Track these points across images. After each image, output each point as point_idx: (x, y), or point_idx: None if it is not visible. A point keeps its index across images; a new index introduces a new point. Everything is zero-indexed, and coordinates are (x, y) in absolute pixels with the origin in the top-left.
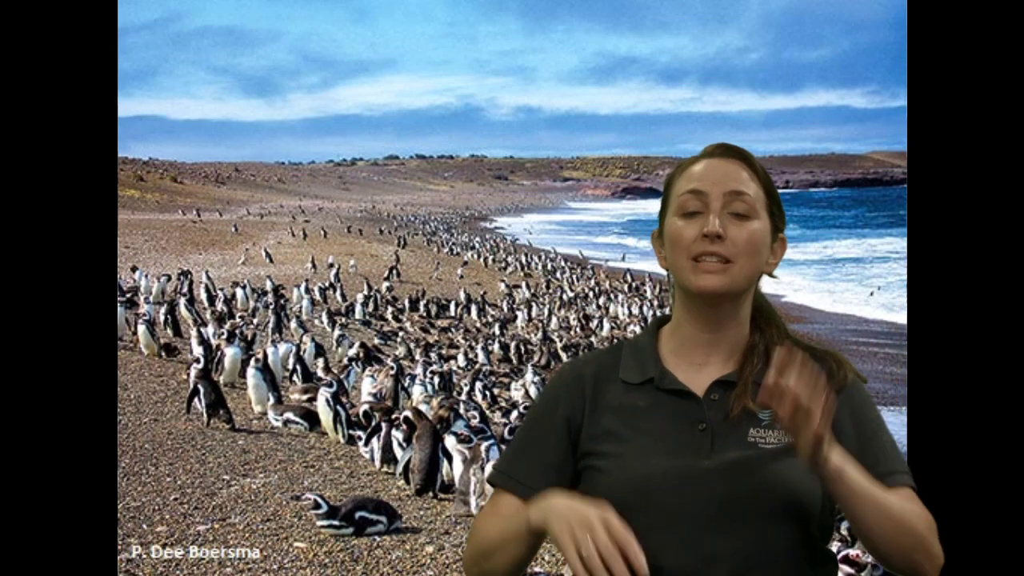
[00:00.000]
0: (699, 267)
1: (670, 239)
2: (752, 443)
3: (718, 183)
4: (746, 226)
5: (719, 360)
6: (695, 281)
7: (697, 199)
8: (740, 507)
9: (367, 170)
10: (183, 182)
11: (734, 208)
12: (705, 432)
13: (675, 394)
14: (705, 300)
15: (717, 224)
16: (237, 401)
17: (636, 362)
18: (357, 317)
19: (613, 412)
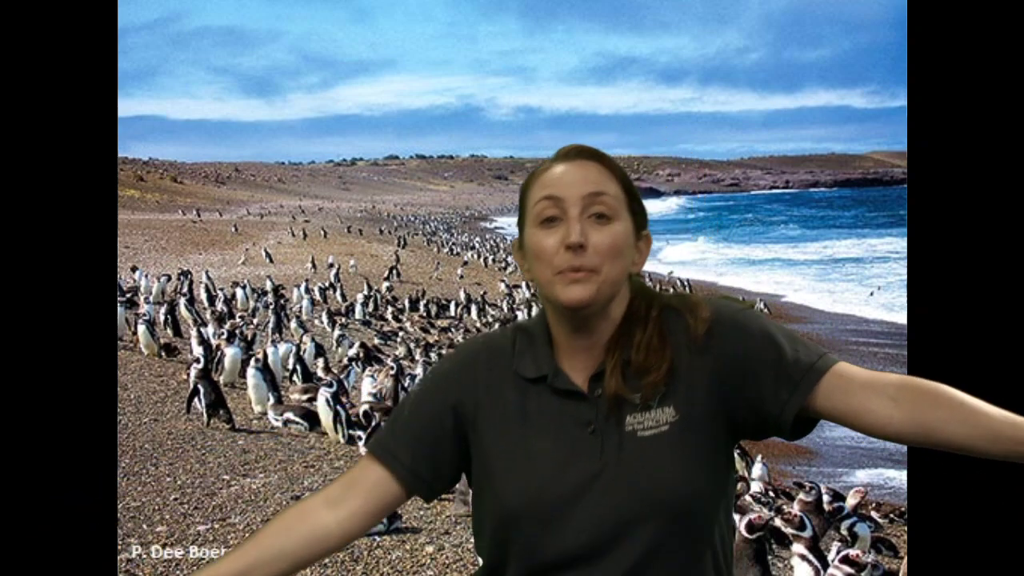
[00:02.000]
0: (565, 278)
1: (533, 251)
2: (630, 432)
3: (574, 186)
4: (608, 229)
5: (597, 358)
6: (562, 295)
7: (554, 205)
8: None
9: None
10: (183, 182)
11: (594, 210)
12: (595, 434)
13: (566, 394)
14: (573, 311)
15: (579, 233)
16: (237, 401)
17: (531, 355)
18: (357, 317)
19: (506, 411)
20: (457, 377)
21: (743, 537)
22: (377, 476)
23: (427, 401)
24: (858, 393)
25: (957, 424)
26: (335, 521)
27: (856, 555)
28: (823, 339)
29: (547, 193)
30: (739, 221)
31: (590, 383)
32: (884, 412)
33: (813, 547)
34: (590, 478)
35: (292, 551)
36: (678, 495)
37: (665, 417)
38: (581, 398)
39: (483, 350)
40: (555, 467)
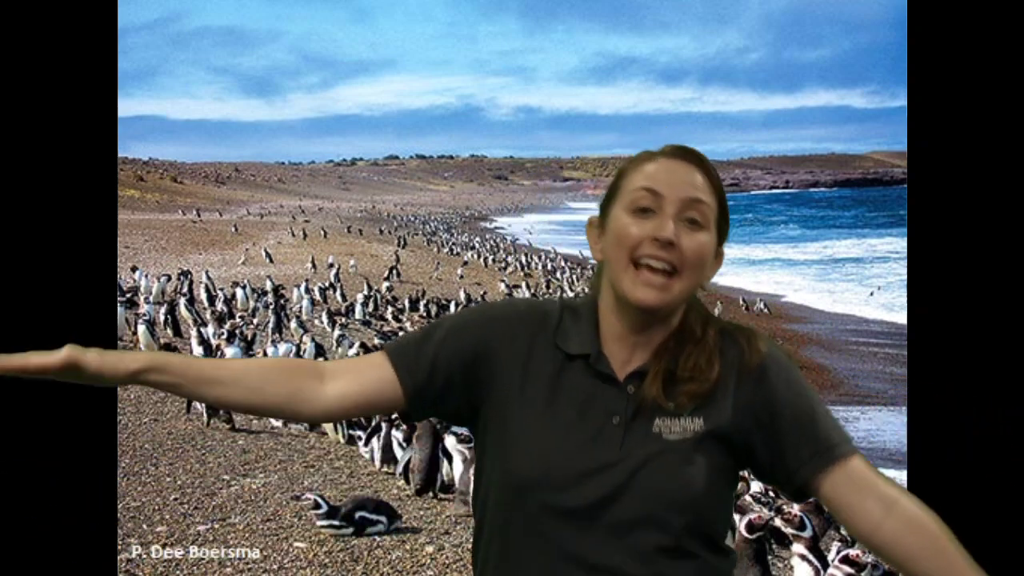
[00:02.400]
0: (639, 276)
1: (615, 234)
2: (656, 434)
3: (676, 187)
4: (697, 236)
5: (641, 357)
6: (633, 292)
7: (652, 198)
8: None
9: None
10: (183, 182)
11: (689, 214)
12: (618, 427)
13: (603, 378)
14: (638, 310)
15: (672, 231)
16: None
17: (575, 332)
18: (357, 317)
19: (538, 378)
20: (496, 327)
21: (743, 537)
22: (384, 377)
23: (459, 334)
24: (859, 491)
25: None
26: (323, 393)
27: (856, 555)
28: (823, 339)
29: (649, 185)
30: (739, 221)
31: (627, 378)
32: (875, 520)
33: (813, 547)
34: (603, 468)
35: (271, 394)
36: (689, 500)
37: (693, 427)
38: (615, 385)
39: (531, 314)
40: (572, 449)
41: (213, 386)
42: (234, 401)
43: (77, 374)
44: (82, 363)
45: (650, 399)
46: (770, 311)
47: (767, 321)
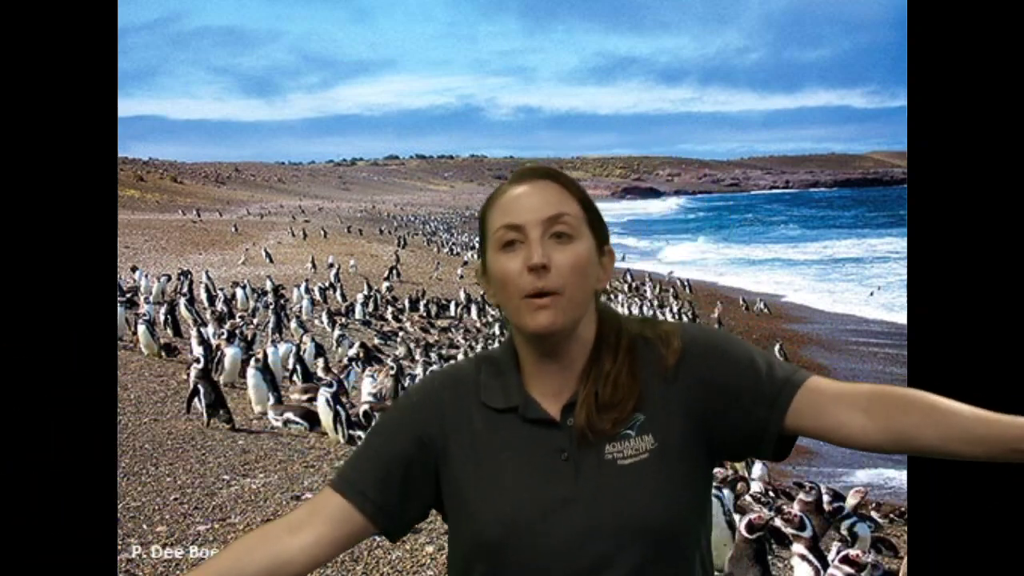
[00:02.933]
0: (532, 304)
1: (497, 277)
2: (610, 460)
3: (532, 211)
4: (570, 248)
5: (569, 383)
6: (529, 322)
7: (513, 231)
8: (605, 535)
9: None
10: (183, 182)
11: (554, 230)
12: (568, 461)
13: (538, 423)
14: (541, 336)
15: (540, 254)
16: (237, 401)
17: (499, 384)
18: (357, 317)
19: (476, 441)
20: (422, 410)
21: (743, 537)
22: (342, 509)
23: (393, 435)
24: (830, 407)
25: (929, 428)
26: (298, 547)
27: (856, 555)
28: (823, 339)
29: (507, 221)
30: (739, 221)
31: (563, 411)
32: (857, 424)
33: (813, 547)
34: (565, 504)
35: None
36: (660, 522)
37: (644, 445)
38: (553, 426)
39: (447, 382)
40: (530, 495)
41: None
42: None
43: None
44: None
45: (581, 427)
46: (770, 311)
47: (767, 321)
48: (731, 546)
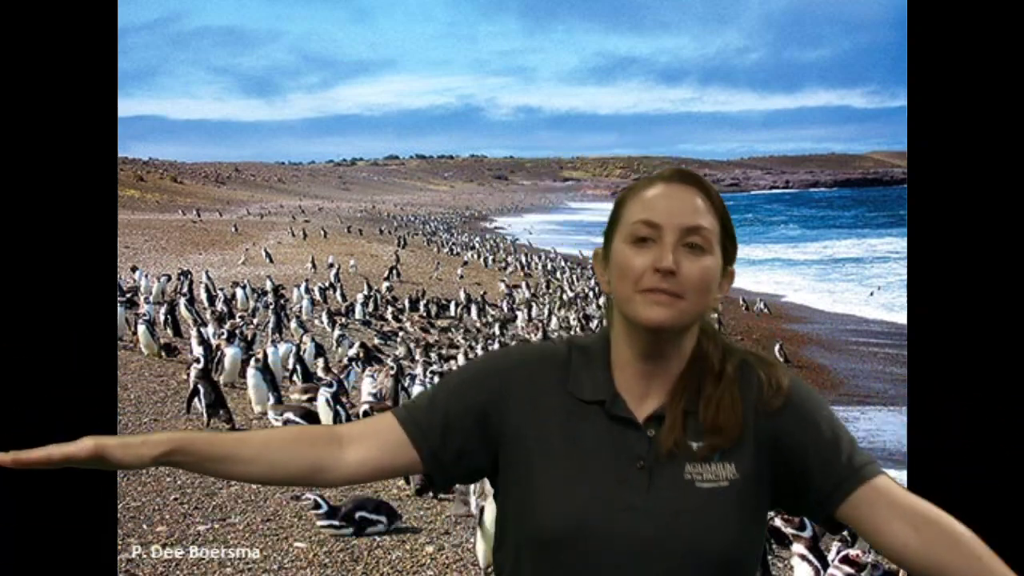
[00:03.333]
0: (647, 298)
1: (619, 267)
2: (689, 481)
3: (674, 215)
4: (699, 261)
5: (658, 392)
6: (643, 313)
7: (650, 228)
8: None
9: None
10: (183, 182)
11: (689, 240)
12: (643, 471)
13: (622, 422)
14: (649, 331)
15: (671, 260)
16: (237, 401)
17: (588, 376)
18: (357, 317)
19: (554, 427)
20: (507, 378)
21: None
22: (400, 442)
23: (461, 397)
24: (884, 511)
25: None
26: (344, 460)
27: (856, 555)
28: (823, 339)
29: (645, 217)
30: (739, 221)
31: (648, 420)
32: (900, 539)
33: (813, 547)
34: (633, 512)
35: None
36: (725, 551)
37: (726, 473)
38: (636, 429)
39: (538, 360)
40: (600, 496)
41: (236, 464)
42: (257, 476)
43: (101, 463)
44: (106, 453)
45: (669, 447)
46: (770, 311)
47: (767, 321)
48: None
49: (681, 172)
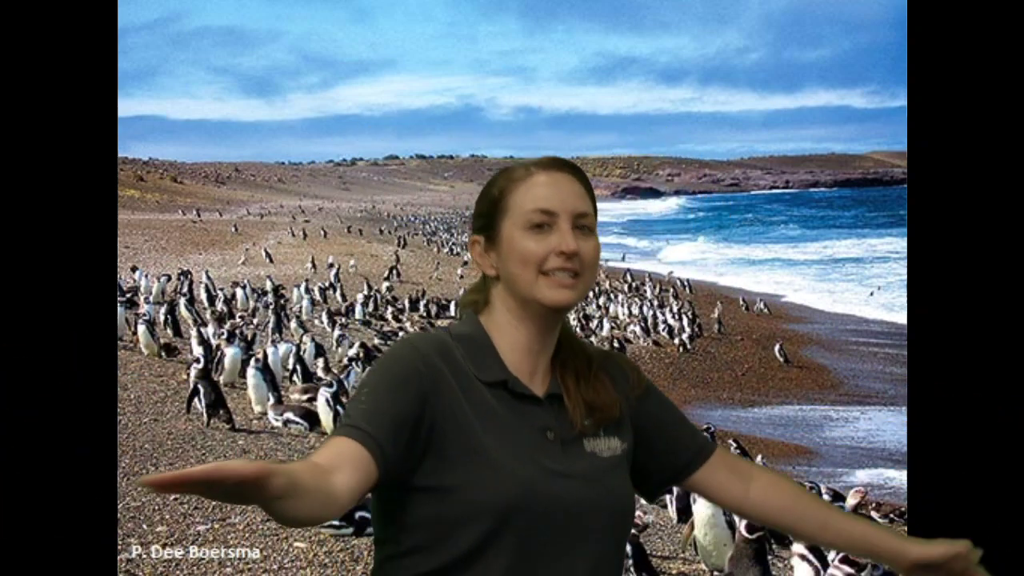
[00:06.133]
0: (552, 281)
1: (517, 253)
2: (591, 452)
3: (566, 202)
4: (591, 241)
5: (543, 369)
6: (548, 295)
7: (546, 216)
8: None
9: (367, 170)
10: (183, 182)
11: (580, 223)
12: (553, 442)
13: (525, 399)
14: (549, 311)
15: (573, 243)
16: (237, 401)
17: (481, 358)
18: (357, 317)
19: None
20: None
21: (743, 537)
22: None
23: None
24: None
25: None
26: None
27: None
28: (823, 339)
29: (541, 206)
30: (739, 221)
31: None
32: (737, 492)
33: (813, 547)
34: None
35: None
36: (630, 511)
37: (614, 445)
38: (538, 403)
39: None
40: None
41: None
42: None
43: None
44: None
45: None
46: (770, 311)
47: (767, 321)
48: (731, 546)
49: (559, 161)
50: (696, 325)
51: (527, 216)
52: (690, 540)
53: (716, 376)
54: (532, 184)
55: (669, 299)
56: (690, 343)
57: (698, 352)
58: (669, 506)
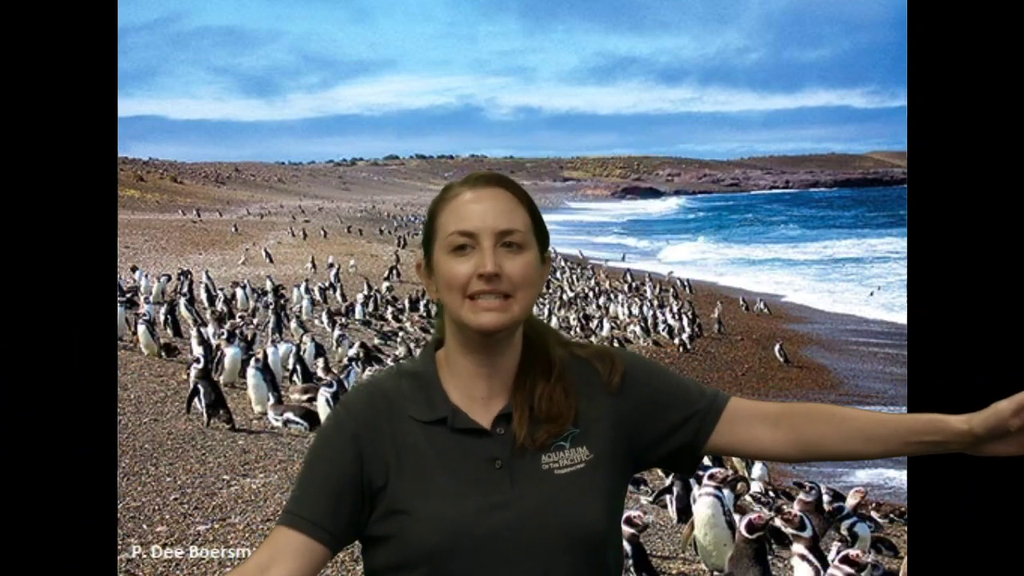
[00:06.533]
0: (477, 305)
1: (444, 278)
2: (547, 471)
3: (487, 220)
4: (519, 258)
5: (499, 392)
6: (474, 320)
7: (466, 238)
8: (543, 541)
9: (367, 170)
10: (183, 182)
11: (505, 240)
12: (503, 469)
13: (468, 432)
14: (483, 336)
15: (493, 263)
16: (237, 401)
17: (424, 397)
18: (357, 317)
19: (410, 453)
20: (355, 432)
21: (743, 537)
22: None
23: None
24: (744, 424)
25: (831, 433)
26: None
27: (856, 555)
28: (823, 339)
29: (461, 228)
30: (739, 221)
31: (496, 420)
32: (768, 437)
33: (813, 547)
34: (502, 509)
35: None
36: (594, 529)
37: (580, 456)
38: (483, 435)
39: (374, 396)
40: (467, 502)
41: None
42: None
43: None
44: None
45: (519, 440)
46: (770, 311)
47: (767, 321)
48: (731, 546)
49: (486, 176)
50: (696, 325)
51: (448, 240)
52: (690, 540)
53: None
54: (456, 204)
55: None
56: (690, 343)
57: (698, 352)
58: (669, 506)
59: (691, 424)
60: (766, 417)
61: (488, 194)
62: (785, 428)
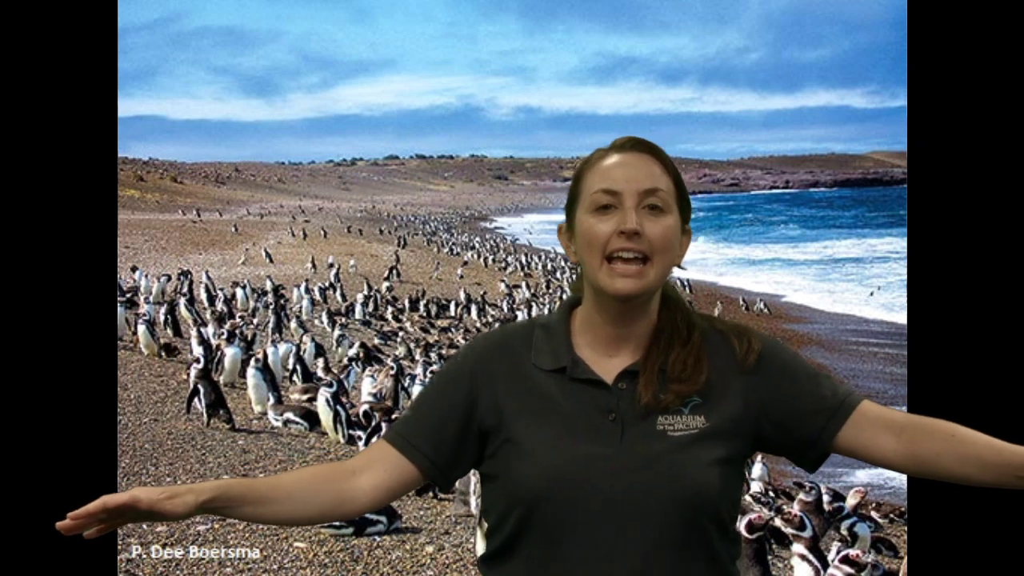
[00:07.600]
0: (614, 269)
1: (583, 237)
2: (661, 432)
3: (632, 181)
4: (660, 221)
5: (628, 351)
6: (610, 284)
7: (610, 196)
8: (644, 497)
9: (367, 170)
10: (183, 182)
11: (648, 202)
12: (615, 422)
13: (586, 383)
14: (618, 300)
15: (634, 221)
16: (237, 401)
17: (549, 347)
18: (357, 317)
19: (526, 397)
20: (474, 369)
21: (743, 537)
22: (400, 464)
23: (447, 393)
24: (871, 429)
25: (949, 453)
26: (360, 488)
27: (856, 555)
28: (823, 339)
29: (605, 186)
30: (739, 221)
31: (619, 376)
32: (890, 447)
33: (813, 547)
34: (607, 461)
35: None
36: (699, 494)
37: (696, 423)
38: (601, 387)
39: (500, 342)
40: (574, 450)
41: (271, 504)
42: (289, 515)
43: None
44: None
45: (645, 401)
46: (770, 311)
47: (767, 321)
48: None
49: (633, 140)
50: None
51: (592, 198)
52: None
53: None
54: (601, 166)
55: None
56: None
57: None
58: None
59: (818, 419)
60: (892, 426)
61: (634, 157)
62: (906, 440)
